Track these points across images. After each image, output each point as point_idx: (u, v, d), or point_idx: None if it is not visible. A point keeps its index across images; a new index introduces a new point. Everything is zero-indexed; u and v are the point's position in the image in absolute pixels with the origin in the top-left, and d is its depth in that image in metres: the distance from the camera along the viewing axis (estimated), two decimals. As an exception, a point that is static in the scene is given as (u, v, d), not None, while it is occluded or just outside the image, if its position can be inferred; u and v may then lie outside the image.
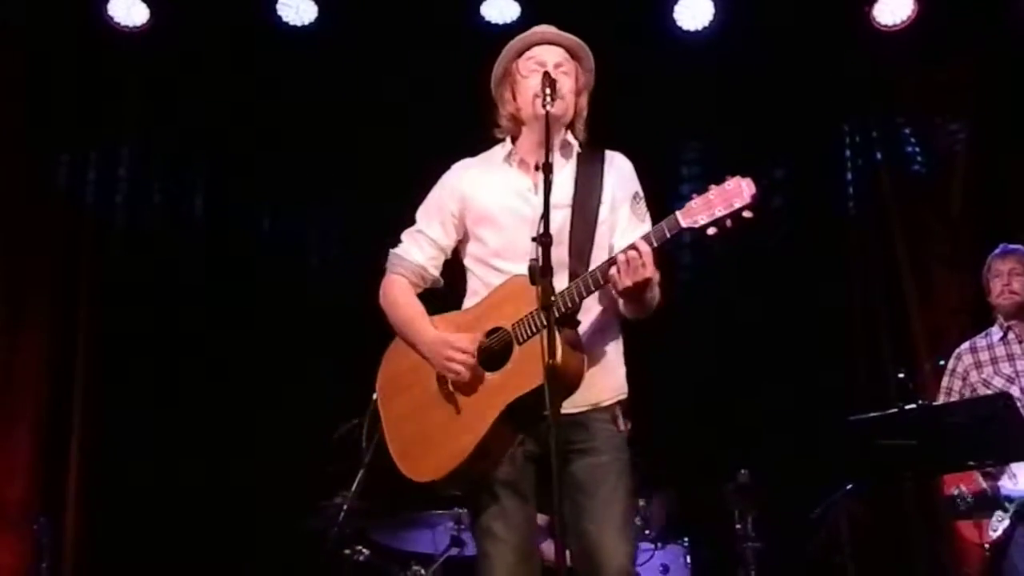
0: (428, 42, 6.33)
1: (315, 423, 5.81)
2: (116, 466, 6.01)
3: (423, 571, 4.92)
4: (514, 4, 6.30)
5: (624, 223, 3.27)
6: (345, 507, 4.62)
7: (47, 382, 6.07)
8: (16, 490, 5.87)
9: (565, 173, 3.28)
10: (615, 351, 3.29)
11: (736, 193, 2.88)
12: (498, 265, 3.25)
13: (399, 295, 3.38)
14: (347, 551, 4.79)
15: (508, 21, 6.28)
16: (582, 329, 3.13)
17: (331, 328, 6.24)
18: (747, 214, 2.88)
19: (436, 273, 3.44)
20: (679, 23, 6.41)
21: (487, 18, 6.34)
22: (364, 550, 4.85)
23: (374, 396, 3.39)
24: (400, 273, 3.41)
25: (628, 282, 2.95)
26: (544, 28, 3.42)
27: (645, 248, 2.94)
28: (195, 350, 6.28)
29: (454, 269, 3.46)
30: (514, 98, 3.35)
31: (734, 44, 6.43)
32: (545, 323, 2.80)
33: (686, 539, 5.31)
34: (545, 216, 2.84)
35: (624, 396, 3.28)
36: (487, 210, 3.30)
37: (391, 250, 3.46)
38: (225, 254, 6.59)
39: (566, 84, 3.28)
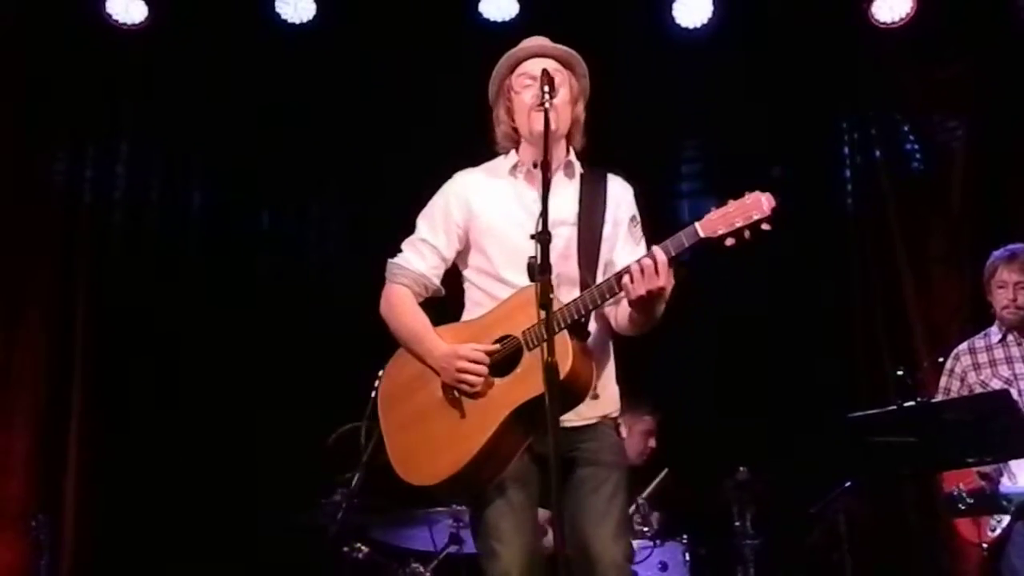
0: (427, 40, 6.32)
1: (315, 421, 5.83)
2: (115, 463, 6.02)
3: (422, 568, 4.93)
4: (513, 2, 6.28)
5: (621, 242, 3.30)
6: (344, 504, 4.63)
7: (45, 379, 6.08)
8: (15, 487, 5.88)
9: (569, 192, 3.29)
10: (613, 367, 3.33)
11: (755, 206, 2.92)
12: (505, 277, 3.22)
13: (403, 307, 3.31)
14: (346, 548, 4.79)
15: (507, 19, 6.26)
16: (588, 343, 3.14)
17: (330, 326, 6.23)
18: (765, 226, 2.92)
19: (438, 283, 3.37)
20: (677, 20, 6.40)
21: (486, 15, 6.32)
22: (363, 547, 4.86)
23: (373, 394, 3.37)
24: (402, 283, 3.34)
25: (642, 291, 2.97)
26: (533, 41, 3.39)
27: (661, 257, 2.97)
28: (194, 348, 6.28)
29: (448, 280, 3.42)
30: (510, 116, 3.32)
31: (732, 41, 6.43)
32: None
33: (685, 536, 5.31)
34: (544, 214, 2.81)
35: (618, 411, 3.34)
36: (494, 222, 3.28)
37: (390, 260, 3.39)
38: (224, 252, 6.59)
39: (560, 94, 3.21)
